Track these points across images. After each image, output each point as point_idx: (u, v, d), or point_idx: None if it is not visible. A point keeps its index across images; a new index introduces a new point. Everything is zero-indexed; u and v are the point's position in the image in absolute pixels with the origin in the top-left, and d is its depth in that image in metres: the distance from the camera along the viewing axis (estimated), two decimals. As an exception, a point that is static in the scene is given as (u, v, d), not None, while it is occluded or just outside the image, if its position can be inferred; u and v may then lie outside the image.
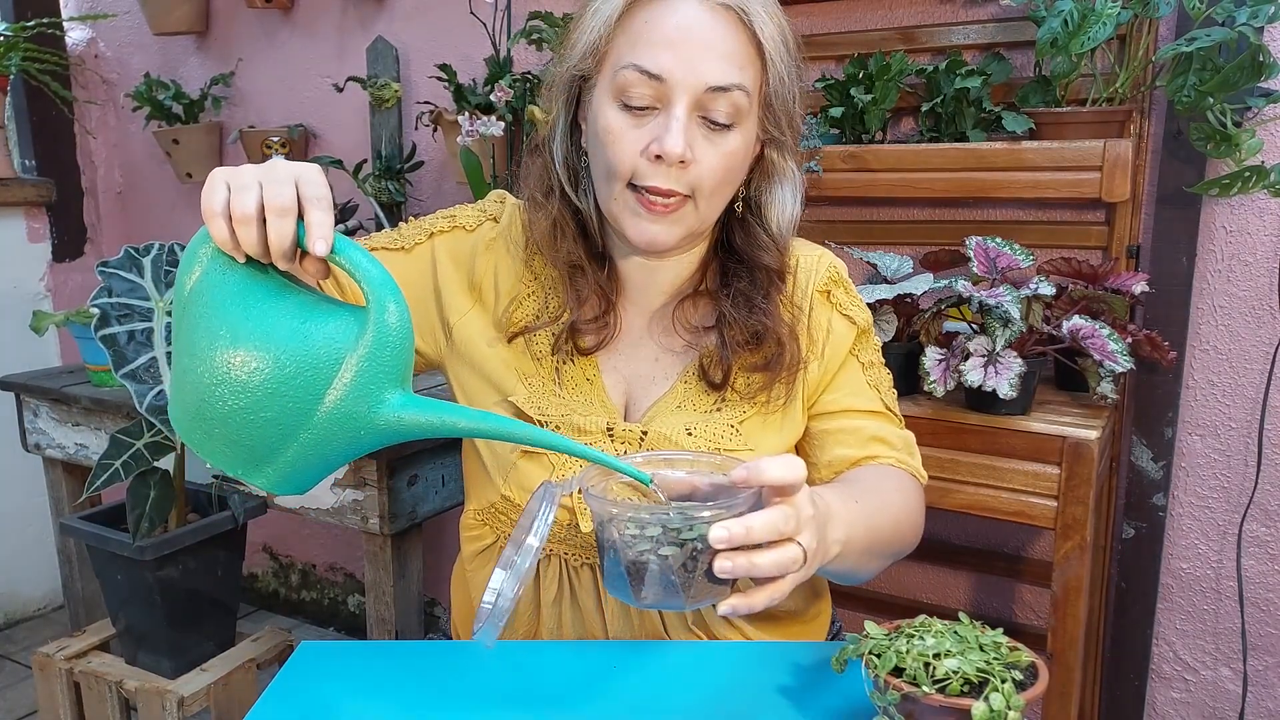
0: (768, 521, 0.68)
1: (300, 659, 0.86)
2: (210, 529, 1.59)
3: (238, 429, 0.69)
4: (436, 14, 2.16)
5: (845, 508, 0.82)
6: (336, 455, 0.72)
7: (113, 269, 1.48)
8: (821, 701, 0.79)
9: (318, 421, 0.69)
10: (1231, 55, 1.34)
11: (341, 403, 0.69)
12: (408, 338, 0.71)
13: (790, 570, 0.70)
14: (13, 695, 2.24)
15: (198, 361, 0.69)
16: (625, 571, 0.70)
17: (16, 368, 2.14)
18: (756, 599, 0.71)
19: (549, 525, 0.70)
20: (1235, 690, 1.65)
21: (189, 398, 0.70)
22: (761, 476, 0.69)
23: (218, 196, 0.69)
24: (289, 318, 0.69)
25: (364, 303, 0.70)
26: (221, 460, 0.72)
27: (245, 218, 0.69)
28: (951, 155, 1.49)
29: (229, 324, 0.68)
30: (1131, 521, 1.65)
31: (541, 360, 0.99)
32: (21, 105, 2.52)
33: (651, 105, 0.87)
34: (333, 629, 2.64)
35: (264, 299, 0.70)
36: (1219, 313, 1.57)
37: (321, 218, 0.69)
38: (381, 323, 0.69)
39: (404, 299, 0.71)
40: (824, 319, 1.01)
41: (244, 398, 0.68)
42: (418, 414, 0.71)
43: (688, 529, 0.68)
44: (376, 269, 0.70)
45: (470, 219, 1.04)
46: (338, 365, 0.68)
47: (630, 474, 0.74)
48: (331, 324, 0.70)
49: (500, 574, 0.69)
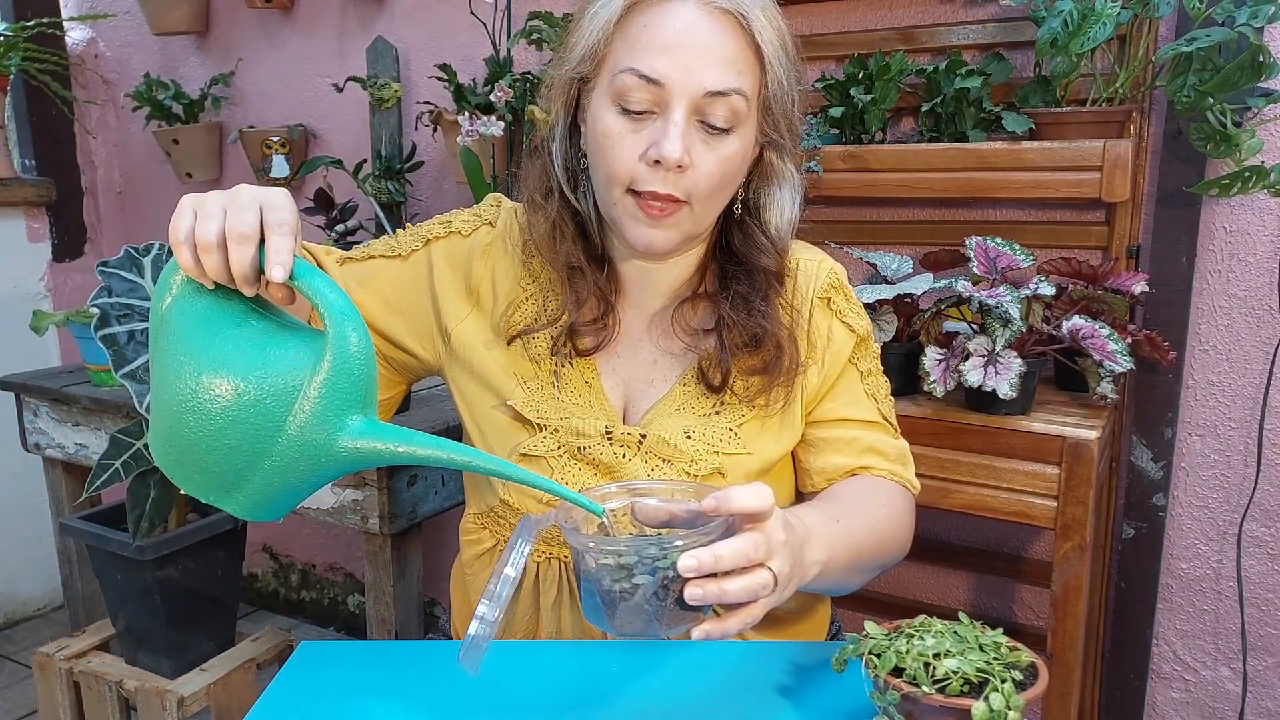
0: (736, 549, 0.69)
1: (300, 659, 0.86)
2: (210, 529, 1.59)
3: (204, 456, 0.69)
4: (436, 14, 2.16)
5: (826, 527, 0.83)
6: (302, 483, 0.72)
7: (113, 269, 1.48)
8: (821, 701, 0.79)
9: (280, 448, 0.69)
10: (1231, 55, 1.34)
11: (303, 430, 0.68)
12: (368, 364, 0.70)
13: (761, 595, 0.71)
14: (13, 695, 2.24)
15: (167, 389, 0.69)
16: (600, 601, 0.71)
17: (16, 368, 2.14)
18: (729, 624, 0.71)
19: (525, 557, 0.71)
20: (1235, 690, 1.65)
21: (162, 425, 0.70)
22: (730, 505, 0.70)
23: (184, 224, 0.71)
24: (251, 345, 0.70)
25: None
26: (193, 486, 0.72)
27: (206, 245, 0.70)
28: (951, 155, 1.49)
29: (193, 351, 0.69)
30: (1131, 521, 1.65)
31: (540, 362, 0.99)
32: (21, 105, 2.52)
33: (650, 110, 0.87)
34: (333, 629, 2.64)
35: (228, 325, 0.71)
36: (1219, 313, 1.57)
37: (280, 243, 0.70)
38: (340, 349, 0.69)
39: (364, 325, 0.71)
40: (824, 326, 1.01)
41: (208, 425, 0.68)
42: (378, 441, 0.70)
43: (660, 558, 0.69)
44: (336, 295, 0.70)
45: (466, 224, 1.04)
46: (297, 392, 0.68)
47: (583, 505, 0.75)
48: (291, 351, 0.70)
49: (484, 604, 0.69)
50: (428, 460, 0.73)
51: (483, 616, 0.69)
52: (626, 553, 0.70)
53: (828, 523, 0.84)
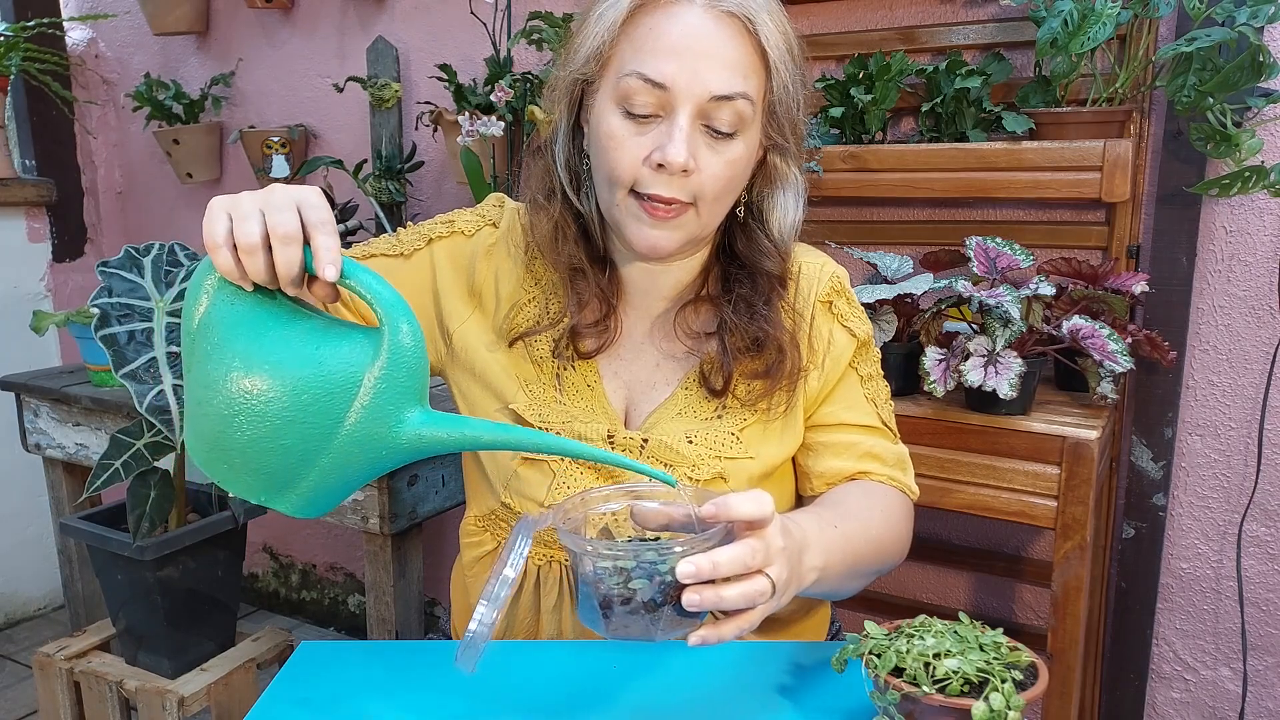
0: (734, 556, 0.69)
1: (300, 659, 0.86)
2: (210, 529, 1.59)
3: (258, 458, 0.69)
4: (436, 14, 2.16)
5: (823, 534, 0.83)
6: (358, 475, 0.72)
7: (113, 269, 1.48)
8: (821, 701, 0.79)
9: (338, 445, 0.69)
10: (1231, 55, 1.34)
11: (361, 425, 0.69)
12: (422, 356, 0.71)
13: (759, 602, 0.71)
14: (13, 695, 2.24)
15: (213, 393, 0.69)
16: (597, 604, 0.71)
17: (16, 368, 2.14)
18: (725, 630, 0.71)
19: (524, 558, 0.71)
20: (1235, 690, 1.65)
21: (206, 429, 0.70)
22: (729, 513, 0.70)
23: (219, 227, 0.70)
24: (302, 344, 0.70)
25: (372, 322, 0.70)
26: (244, 489, 0.71)
27: (250, 247, 0.69)
28: (951, 155, 1.49)
29: (242, 354, 0.68)
30: (1131, 521, 1.65)
31: (542, 365, 0.99)
32: (21, 105, 2.52)
33: (654, 113, 0.87)
34: (333, 629, 2.64)
35: (275, 326, 0.70)
36: (1219, 313, 1.57)
37: (328, 242, 0.70)
38: (396, 343, 0.69)
39: (415, 318, 0.71)
40: (825, 330, 1.01)
41: (263, 426, 0.68)
42: (438, 430, 0.71)
43: (659, 563, 0.69)
44: (387, 290, 0.71)
45: (469, 224, 1.04)
46: (355, 388, 0.68)
47: (654, 475, 0.74)
48: (345, 347, 0.70)
49: (483, 605, 0.69)
50: (490, 445, 0.73)
51: (480, 617, 0.69)
52: (624, 556, 0.70)
53: (825, 529, 0.84)
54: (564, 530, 0.73)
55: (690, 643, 0.71)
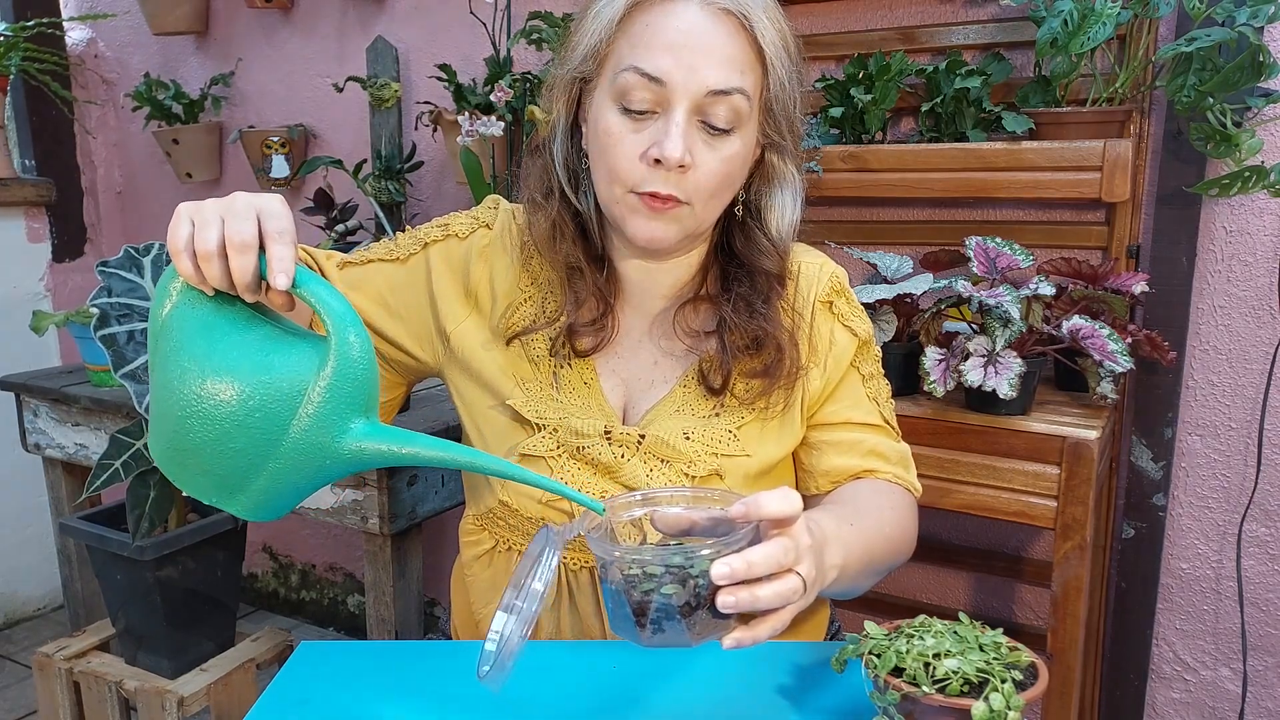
0: (768, 555, 0.68)
1: (300, 659, 0.86)
2: (210, 529, 1.59)
3: (209, 459, 0.70)
4: (436, 14, 2.16)
5: (840, 531, 0.83)
6: (306, 483, 0.73)
7: (113, 269, 1.48)
8: (821, 701, 0.79)
9: (284, 451, 0.70)
10: (1231, 55, 1.34)
11: (306, 433, 0.70)
12: (370, 368, 0.72)
13: (791, 600, 0.70)
14: (13, 695, 2.24)
15: (170, 393, 0.70)
16: (631, 612, 0.70)
17: (16, 368, 2.14)
18: (760, 631, 0.71)
19: (553, 570, 0.70)
20: (1235, 690, 1.65)
21: (164, 429, 0.71)
22: (760, 511, 0.69)
23: (182, 232, 0.71)
24: (253, 350, 0.71)
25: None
26: (196, 489, 0.73)
27: (207, 254, 0.70)
28: (951, 155, 1.49)
29: (196, 357, 0.70)
30: (1131, 521, 1.65)
31: (538, 363, 0.99)
32: (21, 105, 2.51)
33: (652, 109, 0.87)
34: (333, 629, 2.64)
35: (230, 332, 0.72)
36: (1219, 313, 1.57)
37: (282, 252, 0.70)
38: (343, 354, 0.70)
39: (365, 329, 0.72)
40: (826, 330, 1.01)
41: (213, 429, 0.69)
42: (381, 443, 0.72)
43: (690, 567, 0.69)
44: (337, 301, 0.71)
45: (463, 227, 1.04)
46: (301, 396, 0.69)
47: (584, 503, 0.74)
48: (294, 356, 0.71)
49: (502, 616, 0.69)
50: (429, 461, 0.73)
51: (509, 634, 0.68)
52: (652, 562, 0.69)
53: (842, 526, 0.84)
54: (593, 538, 0.73)
55: (725, 645, 0.70)
